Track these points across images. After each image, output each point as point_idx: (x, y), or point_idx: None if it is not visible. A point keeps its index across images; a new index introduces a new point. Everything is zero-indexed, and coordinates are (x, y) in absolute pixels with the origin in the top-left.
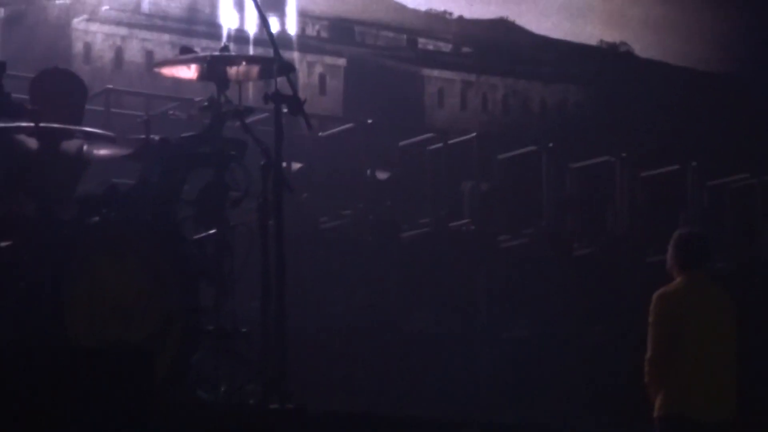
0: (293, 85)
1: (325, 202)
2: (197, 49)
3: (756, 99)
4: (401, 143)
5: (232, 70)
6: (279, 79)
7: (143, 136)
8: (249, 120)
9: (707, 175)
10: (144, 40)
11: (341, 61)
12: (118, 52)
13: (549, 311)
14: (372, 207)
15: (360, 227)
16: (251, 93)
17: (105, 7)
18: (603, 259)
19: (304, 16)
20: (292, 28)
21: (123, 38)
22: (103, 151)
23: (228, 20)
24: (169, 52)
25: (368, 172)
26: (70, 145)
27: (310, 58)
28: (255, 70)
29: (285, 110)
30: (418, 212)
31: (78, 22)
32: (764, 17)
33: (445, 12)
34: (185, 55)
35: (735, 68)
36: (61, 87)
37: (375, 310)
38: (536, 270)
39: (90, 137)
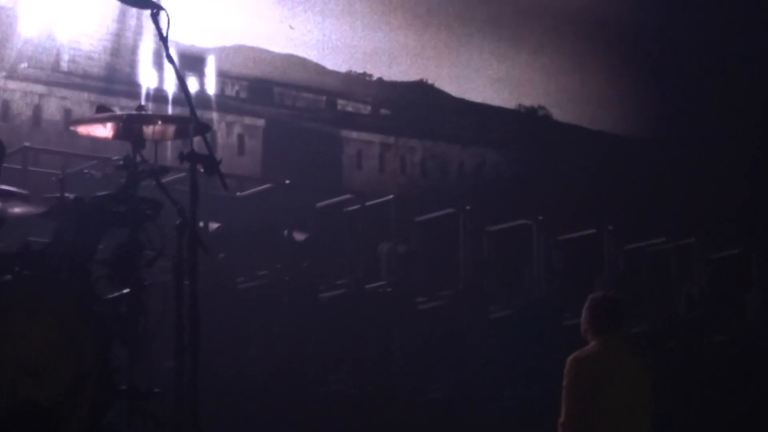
0: (209, 144)
1: (242, 262)
2: (115, 107)
3: (670, 164)
4: (319, 204)
5: (148, 129)
6: (196, 139)
7: (58, 195)
8: (165, 179)
9: (624, 239)
10: (62, 98)
11: (260, 122)
12: (36, 110)
13: (465, 373)
14: (289, 267)
15: (277, 288)
16: (168, 152)
17: (23, 65)
18: (520, 321)
19: (223, 76)
20: (211, 88)
21: (41, 96)
22: (17, 209)
23: (147, 79)
24: (87, 111)
25: (285, 232)
26: None
27: (229, 118)
28: (171, 129)
29: (201, 170)
30: (335, 273)
31: None
32: (678, 86)
33: (364, 74)
34: (101, 113)
35: (650, 134)
36: None
37: (291, 370)
38: (453, 331)
39: (4, 195)
